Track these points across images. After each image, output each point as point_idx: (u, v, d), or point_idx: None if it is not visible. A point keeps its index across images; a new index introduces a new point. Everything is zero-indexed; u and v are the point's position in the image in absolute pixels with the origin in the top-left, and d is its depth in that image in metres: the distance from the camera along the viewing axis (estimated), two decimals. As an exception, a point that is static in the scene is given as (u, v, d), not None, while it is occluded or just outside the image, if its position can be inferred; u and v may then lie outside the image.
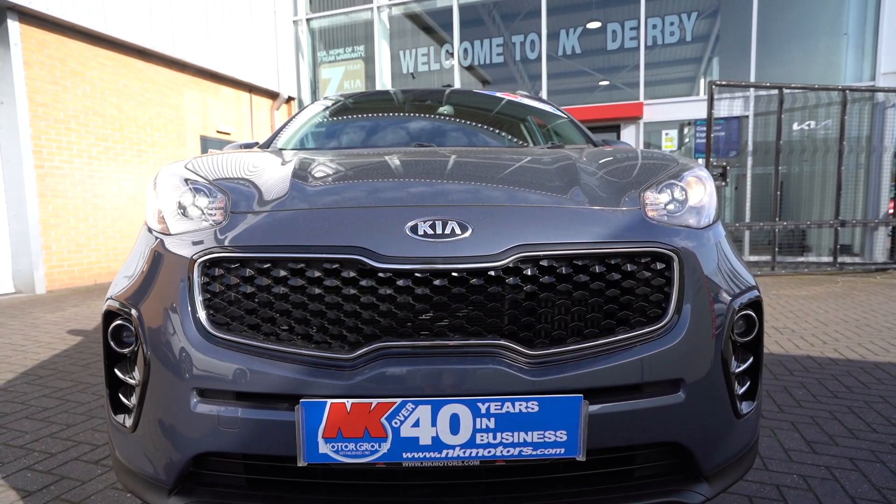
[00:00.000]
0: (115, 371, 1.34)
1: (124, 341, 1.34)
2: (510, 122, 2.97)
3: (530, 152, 1.91)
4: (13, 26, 6.55)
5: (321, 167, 1.62)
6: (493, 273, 1.17)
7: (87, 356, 3.79)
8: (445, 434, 1.12)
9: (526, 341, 1.19)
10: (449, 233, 1.19)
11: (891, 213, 8.17)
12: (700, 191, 1.45)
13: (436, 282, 1.17)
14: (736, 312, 1.32)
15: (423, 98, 3.18)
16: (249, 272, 1.21)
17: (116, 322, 1.33)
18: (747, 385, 1.39)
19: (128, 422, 1.32)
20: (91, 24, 7.29)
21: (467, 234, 1.19)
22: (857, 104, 8.11)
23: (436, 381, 1.15)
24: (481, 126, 2.86)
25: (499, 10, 10.60)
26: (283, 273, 1.20)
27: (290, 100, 11.51)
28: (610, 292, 1.22)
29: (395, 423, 1.12)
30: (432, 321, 1.18)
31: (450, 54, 10.77)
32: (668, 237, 1.28)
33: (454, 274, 1.17)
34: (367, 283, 1.17)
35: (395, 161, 1.69)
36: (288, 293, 1.20)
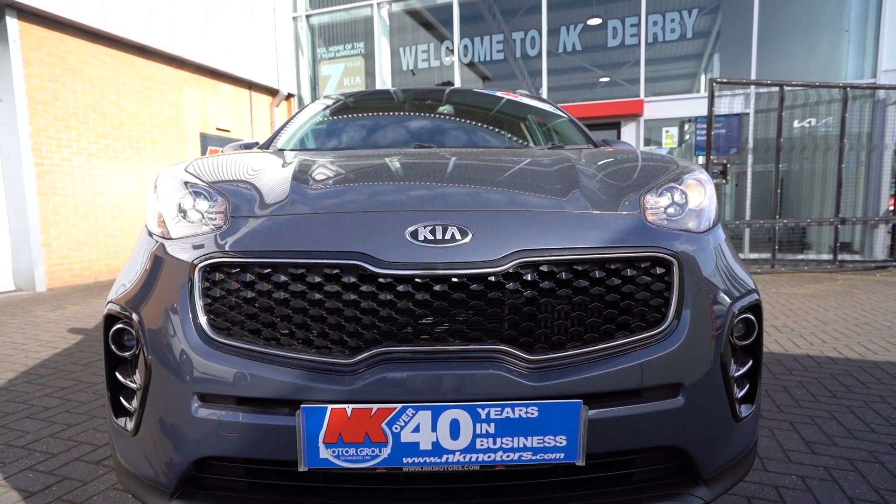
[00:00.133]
0: (117, 375, 1.34)
1: (125, 345, 1.35)
2: (510, 121, 2.97)
3: (530, 154, 1.91)
4: (12, 24, 6.54)
5: (321, 170, 1.62)
6: (493, 278, 1.17)
7: (88, 355, 3.80)
8: (446, 439, 1.13)
9: (526, 346, 1.19)
10: (449, 238, 1.19)
11: (891, 210, 8.16)
12: (700, 194, 1.45)
13: (436, 287, 1.17)
14: (735, 316, 1.33)
15: (423, 97, 3.18)
16: (250, 277, 1.21)
17: (117, 326, 1.34)
18: (746, 388, 1.40)
19: (129, 425, 1.32)
20: (90, 22, 7.27)
21: (467, 239, 1.20)
22: (858, 101, 8.10)
23: (436, 386, 1.15)
24: (481, 126, 2.86)
25: (499, 6, 10.56)
26: (284, 278, 1.20)
27: (289, 97, 11.49)
28: (610, 297, 1.22)
29: (396, 429, 1.12)
30: (432, 326, 1.18)
31: (450, 51, 10.74)
32: (668, 241, 1.28)
33: (454, 279, 1.17)
34: (367, 288, 1.18)
35: (395, 164, 1.69)
36: (288, 298, 1.20)
